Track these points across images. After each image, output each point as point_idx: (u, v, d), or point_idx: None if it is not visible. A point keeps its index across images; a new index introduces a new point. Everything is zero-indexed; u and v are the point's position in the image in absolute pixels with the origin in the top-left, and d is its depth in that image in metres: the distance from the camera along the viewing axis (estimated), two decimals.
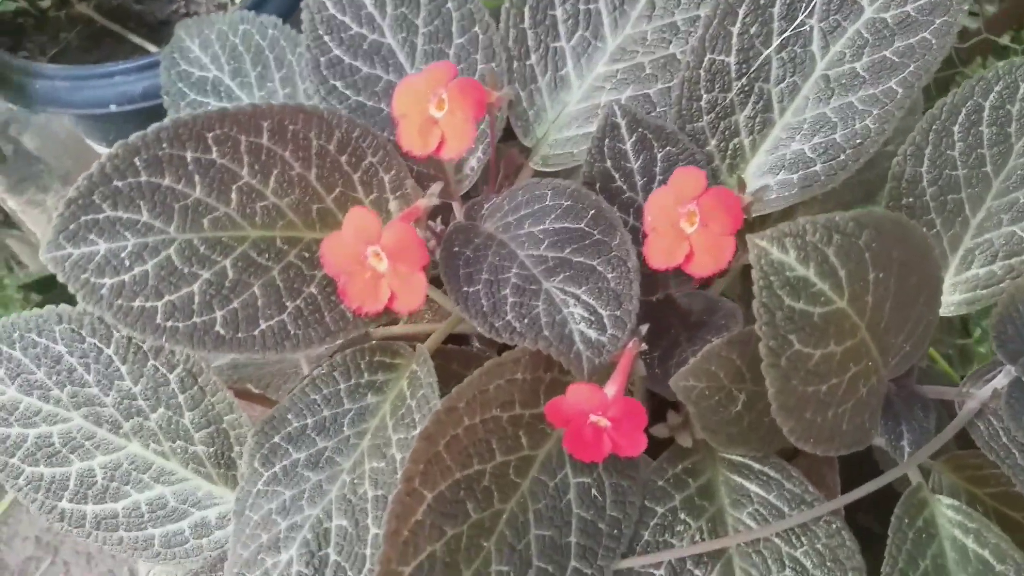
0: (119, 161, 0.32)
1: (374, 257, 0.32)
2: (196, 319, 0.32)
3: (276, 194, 0.34)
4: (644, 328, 0.34)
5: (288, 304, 0.33)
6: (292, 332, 0.33)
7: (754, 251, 0.29)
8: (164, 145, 0.32)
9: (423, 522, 0.31)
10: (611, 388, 0.32)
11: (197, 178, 0.33)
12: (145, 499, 0.37)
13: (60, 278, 0.31)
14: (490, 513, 0.33)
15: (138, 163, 0.32)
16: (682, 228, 0.32)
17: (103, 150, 0.62)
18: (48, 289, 1.26)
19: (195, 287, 0.32)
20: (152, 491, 0.37)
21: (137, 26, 0.58)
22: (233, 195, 0.33)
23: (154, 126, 0.32)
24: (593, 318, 0.33)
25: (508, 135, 0.43)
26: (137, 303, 0.31)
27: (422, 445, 0.31)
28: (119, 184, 0.32)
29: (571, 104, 0.42)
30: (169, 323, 0.32)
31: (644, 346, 0.33)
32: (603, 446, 0.33)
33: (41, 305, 1.13)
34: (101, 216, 0.31)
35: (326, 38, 0.41)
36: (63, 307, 0.36)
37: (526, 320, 0.33)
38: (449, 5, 0.41)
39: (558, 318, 0.33)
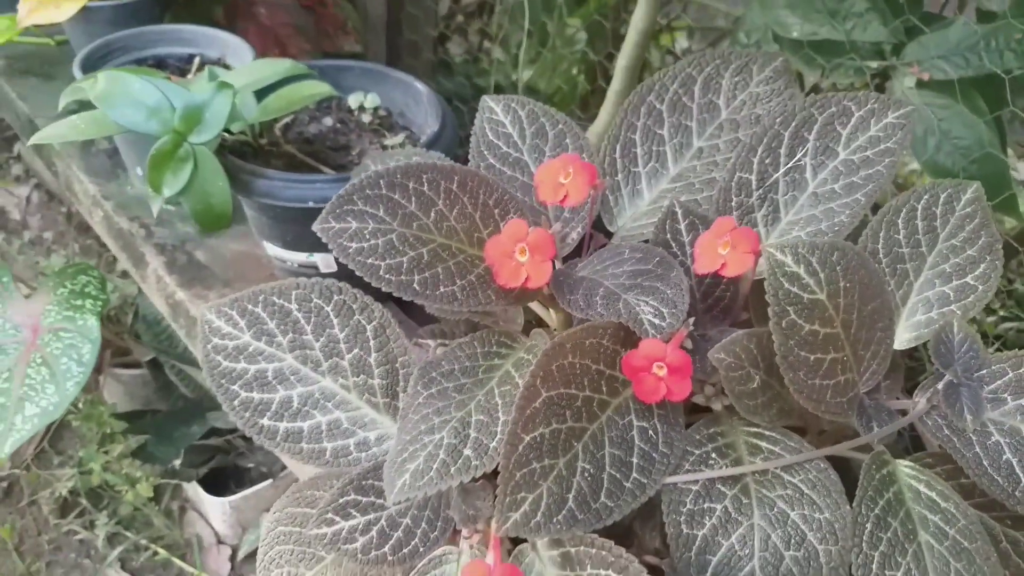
0: (370, 180, 0.51)
1: (520, 252, 0.50)
2: (403, 277, 0.49)
3: (456, 221, 0.53)
4: (691, 320, 0.50)
5: (458, 281, 0.51)
6: (459, 297, 0.50)
7: (766, 254, 0.46)
8: (398, 176, 0.52)
9: (539, 410, 0.45)
10: (670, 346, 0.48)
11: (413, 199, 0.52)
12: (326, 421, 0.52)
13: (324, 239, 0.49)
14: (579, 426, 0.47)
15: (381, 183, 0.51)
16: (719, 252, 0.50)
17: (276, 251, 0.82)
18: (136, 419, 1.42)
19: (404, 259, 0.50)
20: (332, 415, 0.52)
21: (325, 166, 0.81)
22: (432, 214, 0.52)
23: (393, 166, 0.52)
24: (656, 312, 0.50)
25: (596, 227, 0.63)
26: (370, 261, 0.49)
27: (543, 359, 0.46)
28: (369, 192, 0.51)
29: (643, 206, 0.61)
30: (387, 276, 0.49)
31: (692, 327, 0.50)
32: (660, 391, 0.48)
33: (129, 430, 1.31)
34: (355, 208, 0.50)
35: (485, 152, 0.62)
36: (300, 279, 0.53)
37: (611, 310, 0.50)
38: (567, 140, 0.62)
39: (633, 311, 0.50)
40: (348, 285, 0.53)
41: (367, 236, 0.50)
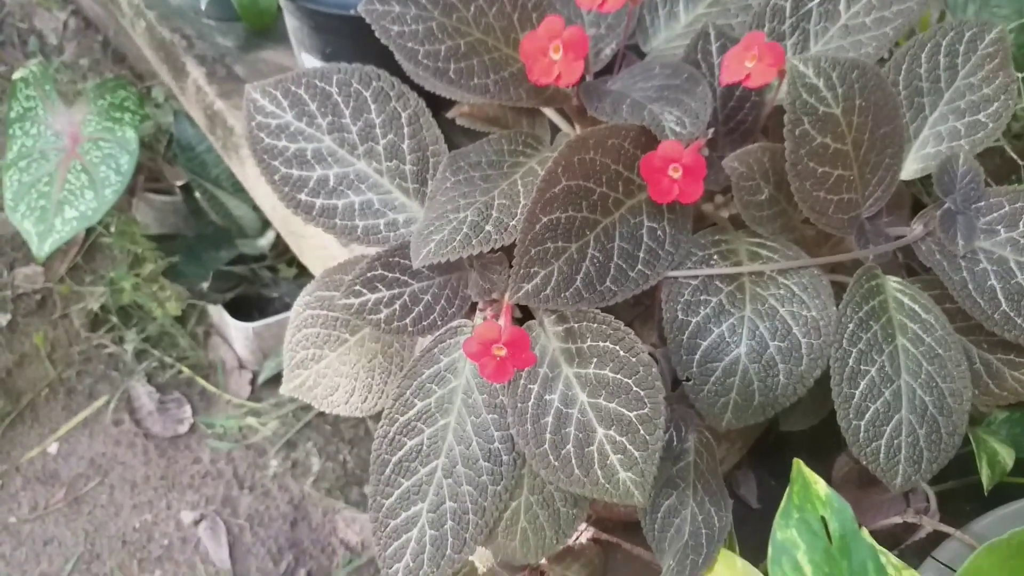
0: None
1: (553, 49, 0.52)
2: (440, 64, 0.52)
3: (495, 19, 0.55)
4: (711, 131, 0.53)
5: (492, 76, 0.53)
6: (492, 90, 0.53)
7: (788, 66, 0.48)
8: None
9: (557, 195, 0.49)
10: (687, 150, 0.51)
11: None
12: (359, 201, 0.56)
13: (368, 20, 0.51)
14: (594, 218, 0.50)
15: None
16: (745, 64, 0.52)
17: (314, 64, 0.84)
18: (168, 240, 1.47)
19: (442, 48, 0.52)
20: (365, 196, 0.56)
21: None
22: (472, 8, 0.54)
23: None
24: (679, 121, 0.52)
25: (629, 49, 0.64)
26: (410, 45, 0.51)
27: (566, 150, 0.49)
28: None
29: (678, 29, 0.63)
30: (425, 60, 0.51)
31: (711, 134, 0.52)
32: (673, 192, 0.51)
33: (162, 252, 1.37)
34: None
35: None
36: (342, 64, 0.56)
37: (636, 116, 0.52)
38: None
39: (656, 118, 0.52)
40: (387, 73, 0.55)
41: (408, 21, 0.52)
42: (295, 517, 1.42)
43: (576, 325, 0.50)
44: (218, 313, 1.48)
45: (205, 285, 1.39)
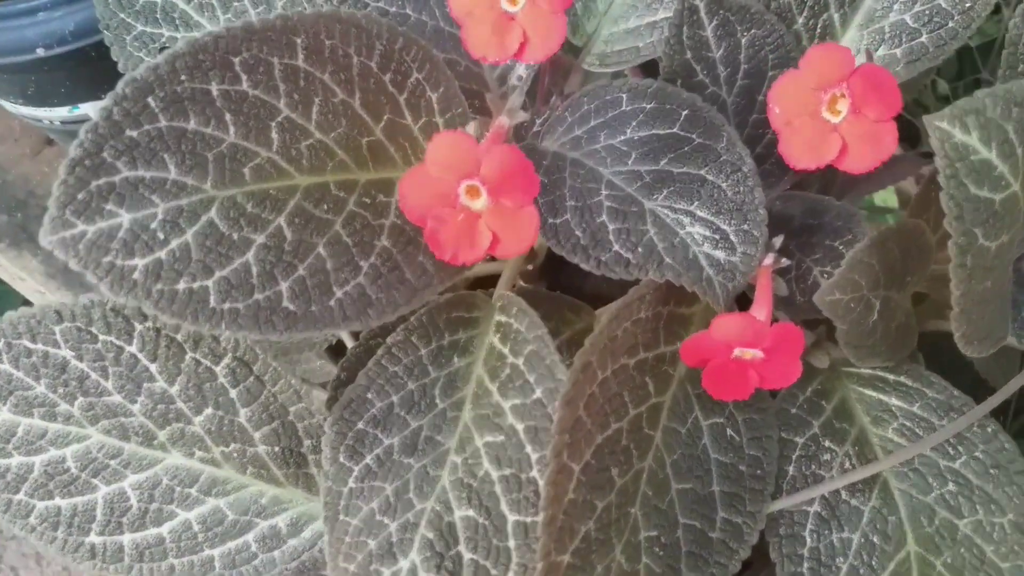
0: (130, 104, 0.24)
1: (468, 194, 0.26)
2: (259, 295, 0.25)
3: (321, 129, 0.28)
4: (778, 240, 0.30)
5: (362, 263, 0.27)
6: (374, 297, 0.27)
7: (936, 134, 0.25)
8: (183, 78, 0.25)
9: (575, 500, 0.26)
10: (759, 314, 0.28)
11: (229, 117, 0.26)
12: (196, 516, 0.31)
13: (74, 264, 0.24)
14: (632, 475, 0.28)
15: (153, 104, 0.24)
16: (825, 118, 0.27)
17: (22, 111, 0.52)
18: None
19: (250, 256, 0.25)
20: (204, 506, 0.31)
21: None
22: (274, 135, 0.27)
23: (167, 53, 0.25)
24: (717, 236, 0.29)
25: None
26: (183, 285, 0.24)
27: (566, 412, 0.26)
28: (134, 134, 0.24)
29: None
30: (227, 305, 0.25)
31: (784, 261, 0.29)
32: (749, 381, 0.28)
33: None
34: (118, 178, 0.24)
35: None
36: (62, 302, 0.28)
37: (639, 249, 0.28)
38: None
39: (676, 242, 0.29)
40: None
41: (159, 234, 0.24)
42: None
43: None
44: None
45: None
